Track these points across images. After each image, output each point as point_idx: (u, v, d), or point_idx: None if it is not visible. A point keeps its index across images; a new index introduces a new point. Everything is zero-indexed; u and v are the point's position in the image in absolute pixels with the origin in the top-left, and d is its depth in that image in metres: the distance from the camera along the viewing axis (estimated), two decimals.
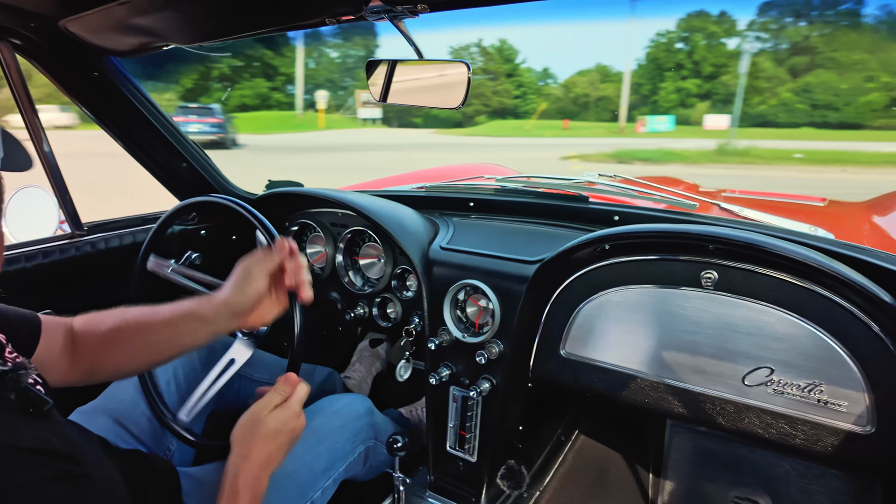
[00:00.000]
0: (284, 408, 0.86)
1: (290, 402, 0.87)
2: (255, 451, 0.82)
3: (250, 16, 1.01)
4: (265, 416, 0.85)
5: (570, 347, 1.09)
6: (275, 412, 0.85)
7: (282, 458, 0.86)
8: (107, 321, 0.91)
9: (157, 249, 1.18)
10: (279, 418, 0.85)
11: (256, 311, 0.94)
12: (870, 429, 0.85)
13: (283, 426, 0.85)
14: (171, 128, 1.43)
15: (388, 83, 1.08)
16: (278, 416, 0.85)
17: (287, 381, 0.89)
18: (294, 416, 0.87)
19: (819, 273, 0.86)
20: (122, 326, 0.91)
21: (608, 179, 1.55)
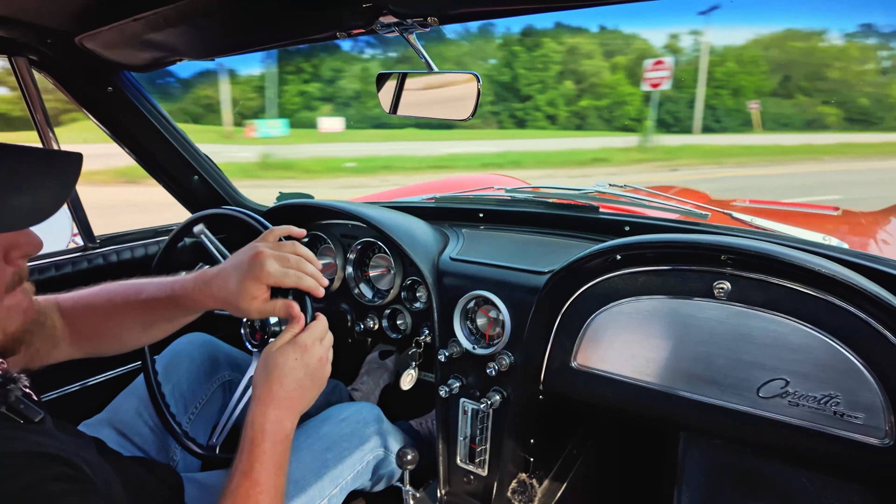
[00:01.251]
0: (293, 343, 0.84)
1: (298, 337, 0.84)
2: (270, 393, 0.80)
3: (263, 31, 1.03)
4: (272, 354, 0.82)
5: (581, 359, 1.08)
6: (283, 349, 0.83)
7: (308, 397, 0.84)
8: (93, 301, 0.92)
9: (169, 262, 1.19)
10: (287, 353, 0.82)
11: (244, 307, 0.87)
12: (888, 441, 0.83)
13: (294, 361, 0.82)
14: (185, 141, 1.45)
15: (398, 95, 1.09)
16: (286, 351, 0.82)
17: (292, 319, 0.86)
18: (302, 349, 0.83)
19: (833, 283, 0.85)
20: (108, 306, 0.91)
21: (618, 189, 1.55)
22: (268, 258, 0.85)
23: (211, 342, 1.29)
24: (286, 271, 0.86)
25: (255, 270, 0.84)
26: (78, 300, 0.92)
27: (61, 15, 0.98)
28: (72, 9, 0.94)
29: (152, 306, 0.91)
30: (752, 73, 25.08)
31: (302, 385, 0.82)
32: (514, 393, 1.15)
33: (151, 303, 0.91)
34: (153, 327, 0.95)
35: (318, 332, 0.88)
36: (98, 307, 0.92)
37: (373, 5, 0.86)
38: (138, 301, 0.91)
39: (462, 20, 0.92)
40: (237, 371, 1.29)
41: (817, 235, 1.20)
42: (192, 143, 1.47)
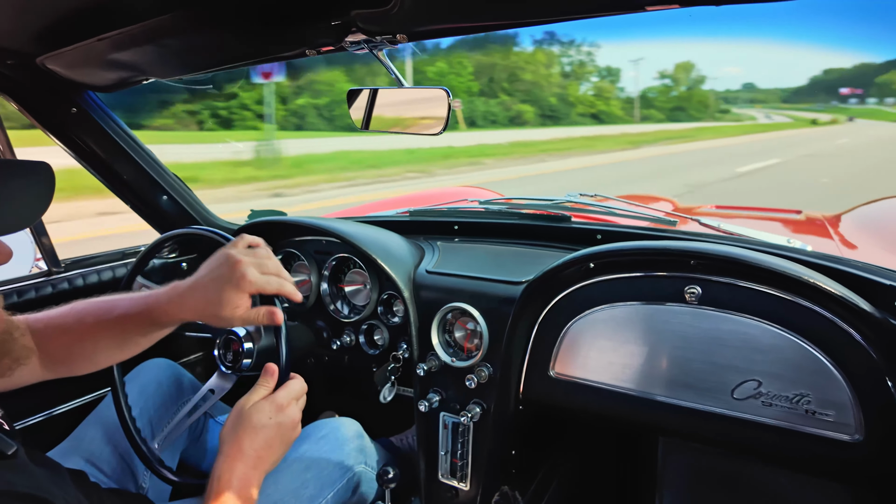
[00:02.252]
0: (269, 400, 0.82)
1: (274, 395, 0.83)
2: (240, 450, 0.78)
3: (232, 49, 1.02)
4: (247, 410, 0.81)
5: (559, 368, 1.09)
6: (258, 405, 0.81)
7: (275, 457, 0.82)
8: (64, 322, 0.89)
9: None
10: (262, 411, 0.81)
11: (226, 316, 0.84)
12: (858, 437, 0.85)
13: (268, 420, 0.80)
14: (152, 161, 1.42)
15: (369, 111, 1.09)
16: (261, 408, 0.81)
17: (267, 373, 0.85)
18: (278, 408, 0.82)
19: (799, 285, 0.88)
20: (79, 328, 0.88)
21: (589, 199, 1.57)
22: (247, 266, 0.82)
23: (174, 367, 1.27)
24: (268, 278, 0.84)
25: (236, 279, 0.82)
26: (48, 322, 0.89)
27: (21, 35, 0.95)
28: (33, 29, 0.92)
29: (125, 323, 0.89)
30: (461, 74, 25.96)
31: (271, 445, 0.81)
32: (495, 404, 1.15)
33: (124, 320, 0.88)
34: (127, 344, 0.92)
35: (296, 391, 0.87)
36: (70, 329, 0.89)
37: (341, 23, 0.87)
38: (111, 319, 0.89)
39: (431, 37, 0.93)
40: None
41: (781, 238, 1.23)
42: (160, 163, 1.45)
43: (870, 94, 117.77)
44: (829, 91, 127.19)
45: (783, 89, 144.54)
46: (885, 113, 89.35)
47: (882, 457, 0.85)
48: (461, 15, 0.85)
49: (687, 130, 34.67)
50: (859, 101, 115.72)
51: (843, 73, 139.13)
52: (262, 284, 0.83)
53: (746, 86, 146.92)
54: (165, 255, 1.51)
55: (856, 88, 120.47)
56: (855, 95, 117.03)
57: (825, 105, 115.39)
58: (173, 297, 0.87)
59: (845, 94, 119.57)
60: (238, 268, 0.82)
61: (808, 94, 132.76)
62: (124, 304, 0.89)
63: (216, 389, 1.10)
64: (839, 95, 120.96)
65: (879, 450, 0.85)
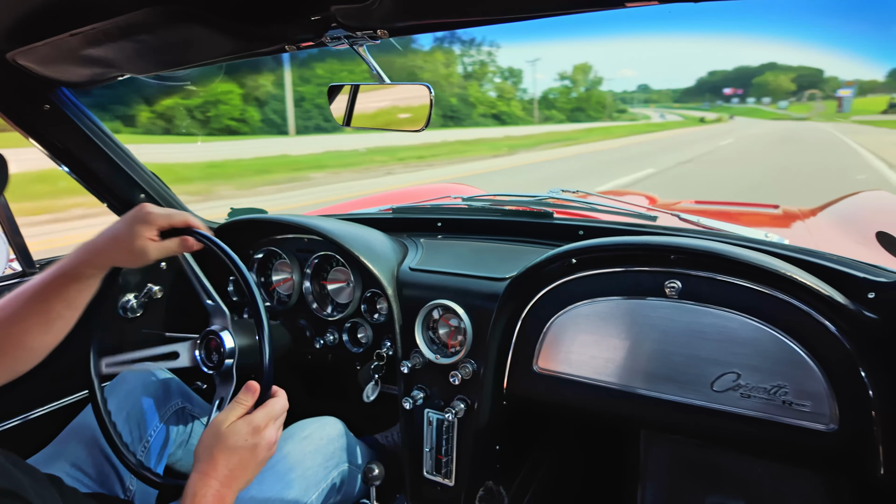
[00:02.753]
0: (245, 420, 0.82)
1: (252, 415, 0.83)
2: (215, 467, 0.77)
3: (208, 45, 1.00)
4: (223, 430, 0.80)
5: (542, 363, 1.10)
6: (234, 424, 0.81)
7: (249, 476, 0.81)
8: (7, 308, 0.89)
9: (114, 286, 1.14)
10: (239, 433, 0.80)
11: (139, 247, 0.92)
12: (833, 426, 0.87)
13: (244, 442, 0.80)
14: (128, 158, 1.39)
15: (350, 108, 1.09)
16: (238, 430, 0.80)
17: (248, 390, 0.85)
18: (254, 430, 0.81)
19: (776, 278, 0.90)
20: (5, 316, 0.88)
21: (571, 195, 1.58)
22: (149, 206, 0.93)
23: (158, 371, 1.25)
24: (170, 211, 0.95)
25: (142, 215, 0.92)
26: None
27: None
28: (2, 24, 0.90)
29: (46, 294, 0.88)
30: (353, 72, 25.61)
31: (246, 465, 0.80)
32: (479, 400, 1.15)
33: (44, 291, 0.88)
34: (54, 320, 0.91)
35: (276, 412, 0.86)
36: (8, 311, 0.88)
37: (321, 19, 0.86)
38: (30, 295, 0.88)
39: (412, 32, 0.93)
40: (188, 399, 1.25)
41: (759, 232, 1.25)
42: (137, 160, 1.42)
43: (749, 93, 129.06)
44: (715, 91, 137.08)
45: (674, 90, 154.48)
46: (763, 111, 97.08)
47: (854, 445, 0.87)
48: (442, 10, 0.85)
49: (574, 132, 34.61)
50: (740, 100, 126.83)
51: (726, 75, 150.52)
52: (167, 216, 0.94)
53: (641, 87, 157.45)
54: None
55: (737, 88, 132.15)
56: (736, 95, 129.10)
57: (711, 104, 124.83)
58: (87, 248, 0.92)
59: (728, 93, 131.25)
60: (143, 207, 0.93)
61: (697, 93, 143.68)
62: (40, 275, 0.90)
63: (226, 396, 1.08)
64: (723, 95, 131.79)
65: (852, 438, 0.87)
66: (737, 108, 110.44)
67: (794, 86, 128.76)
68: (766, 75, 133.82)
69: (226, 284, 1.49)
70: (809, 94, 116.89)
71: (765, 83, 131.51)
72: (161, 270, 1.50)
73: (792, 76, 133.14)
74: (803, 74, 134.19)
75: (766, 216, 2.01)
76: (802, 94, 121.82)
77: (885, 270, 0.93)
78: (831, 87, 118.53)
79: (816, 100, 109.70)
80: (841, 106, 74.08)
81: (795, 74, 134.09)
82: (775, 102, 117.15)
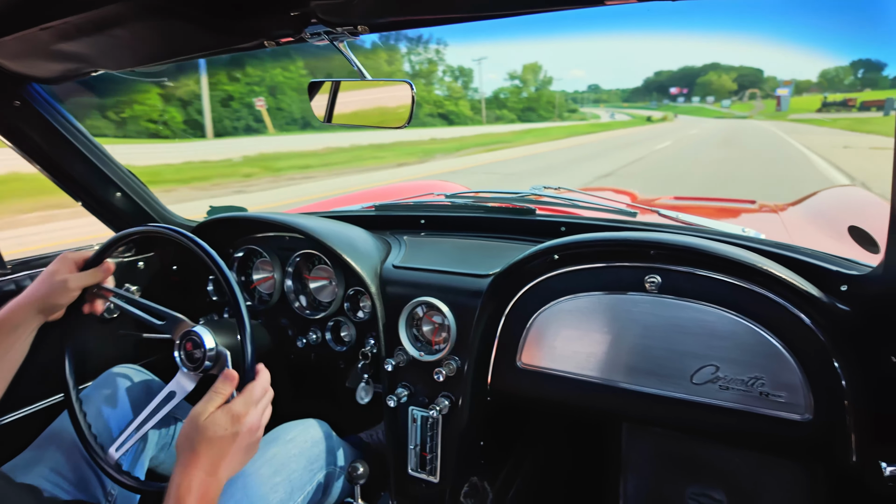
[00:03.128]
0: (224, 410, 0.80)
1: (231, 403, 0.82)
2: (196, 459, 0.76)
3: (185, 40, 0.99)
4: (202, 421, 0.79)
5: (526, 358, 1.11)
6: (213, 416, 0.80)
7: (235, 465, 0.80)
8: None
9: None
10: (217, 423, 0.79)
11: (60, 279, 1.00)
12: (808, 416, 0.89)
13: (224, 430, 0.79)
14: (103, 156, 1.36)
15: (331, 105, 1.08)
16: (216, 420, 0.79)
17: (226, 379, 0.84)
18: (234, 419, 0.80)
19: (753, 272, 0.91)
20: None
21: (553, 191, 1.59)
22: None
23: (142, 372, 1.23)
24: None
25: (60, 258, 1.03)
26: None
27: None
28: None
29: None
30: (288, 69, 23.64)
31: (229, 453, 0.79)
32: (463, 397, 1.16)
33: None
34: None
35: (255, 395, 0.85)
36: None
37: (300, 14, 0.85)
38: None
39: (392, 28, 0.92)
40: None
41: (737, 227, 1.28)
42: (113, 158, 1.39)
43: (694, 93, 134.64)
44: (661, 90, 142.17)
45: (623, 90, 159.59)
46: (707, 110, 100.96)
47: (828, 434, 0.89)
48: (422, 7, 0.84)
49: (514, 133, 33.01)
50: (686, 99, 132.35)
51: (671, 75, 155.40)
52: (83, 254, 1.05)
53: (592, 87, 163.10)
54: (120, 254, 1.45)
55: (682, 88, 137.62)
56: (682, 94, 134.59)
57: (658, 104, 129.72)
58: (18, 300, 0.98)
59: (674, 93, 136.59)
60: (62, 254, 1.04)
61: (644, 93, 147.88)
62: None
63: (178, 391, 1.06)
64: (670, 94, 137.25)
65: (826, 427, 0.89)
66: (683, 107, 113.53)
67: (736, 85, 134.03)
68: (710, 75, 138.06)
69: (205, 284, 1.47)
70: (750, 94, 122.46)
71: (708, 82, 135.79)
72: (138, 270, 1.47)
73: (733, 76, 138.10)
74: (744, 74, 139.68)
75: (743, 211, 2.05)
76: (744, 93, 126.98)
77: (856, 264, 0.96)
78: (770, 86, 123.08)
79: (757, 98, 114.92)
80: (779, 105, 77.65)
81: (737, 74, 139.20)
82: (719, 101, 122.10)
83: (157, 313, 1.09)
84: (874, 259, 0.89)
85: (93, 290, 1.09)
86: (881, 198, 1.94)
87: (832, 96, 78.37)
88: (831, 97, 76.84)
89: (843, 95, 78.52)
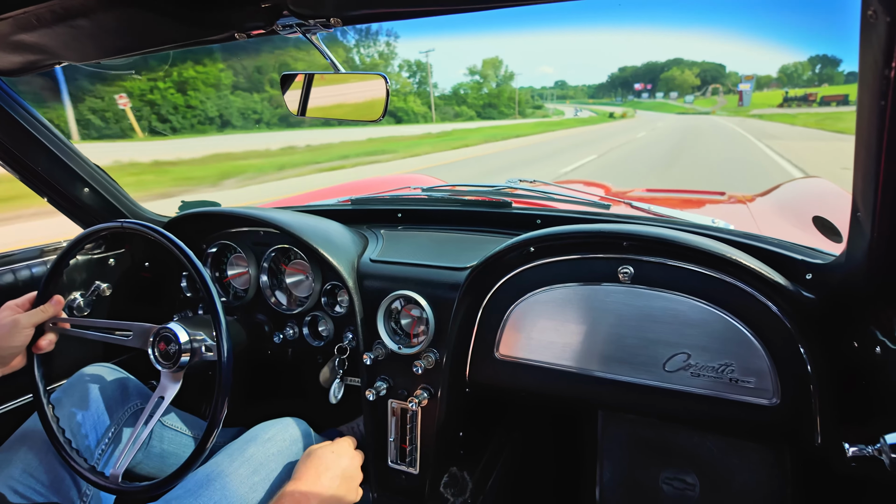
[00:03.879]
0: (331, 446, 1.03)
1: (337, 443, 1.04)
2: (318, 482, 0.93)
3: (153, 32, 0.96)
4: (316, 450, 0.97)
5: (503, 349, 1.12)
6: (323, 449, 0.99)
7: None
8: None
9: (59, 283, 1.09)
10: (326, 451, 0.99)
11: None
12: (775, 401, 0.93)
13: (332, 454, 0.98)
14: (69, 151, 1.32)
15: (305, 98, 1.06)
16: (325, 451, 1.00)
17: None
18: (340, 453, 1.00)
19: (722, 262, 0.94)
20: None
21: (528, 184, 1.61)
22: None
23: (116, 371, 1.20)
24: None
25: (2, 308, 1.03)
26: None
27: None
28: None
29: None
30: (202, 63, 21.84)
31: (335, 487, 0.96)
32: (442, 389, 1.16)
33: None
34: None
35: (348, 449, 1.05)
36: None
37: (272, 6, 0.83)
38: None
39: (366, 21, 0.91)
40: (147, 400, 1.21)
41: (706, 219, 1.31)
42: (79, 153, 1.35)
43: (658, 88, 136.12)
44: (626, 86, 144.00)
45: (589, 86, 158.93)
46: (671, 105, 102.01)
47: (795, 417, 0.93)
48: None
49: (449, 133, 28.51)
50: (650, 94, 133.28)
51: (635, 70, 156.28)
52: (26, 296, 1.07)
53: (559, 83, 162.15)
54: (90, 251, 1.42)
55: (646, 84, 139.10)
56: (646, 90, 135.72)
57: (623, 99, 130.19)
58: None
59: (638, 88, 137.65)
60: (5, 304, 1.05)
61: (609, 89, 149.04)
62: None
63: (166, 395, 1.05)
64: (634, 90, 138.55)
65: (793, 411, 0.92)
66: (646, 103, 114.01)
67: (699, 80, 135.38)
68: (673, 70, 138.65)
69: (178, 280, 1.45)
70: (713, 89, 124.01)
71: (671, 78, 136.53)
72: (109, 267, 1.44)
73: (696, 71, 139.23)
74: (706, 69, 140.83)
75: (713, 202, 2.09)
76: (706, 88, 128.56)
77: (821, 253, 0.99)
78: (732, 81, 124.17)
79: (719, 94, 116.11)
80: (741, 100, 78.10)
81: (699, 70, 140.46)
82: (682, 97, 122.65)
83: (123, 328, 1.08)
84: (837, 248, 0.92)
85: (48, 325, 1.07)
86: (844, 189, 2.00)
87: (793, 91, 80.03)
88: (792, 92, 78.42)
89: (804, 90, 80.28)
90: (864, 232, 0.70)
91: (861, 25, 0.56)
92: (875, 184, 0.62)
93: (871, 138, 0.59)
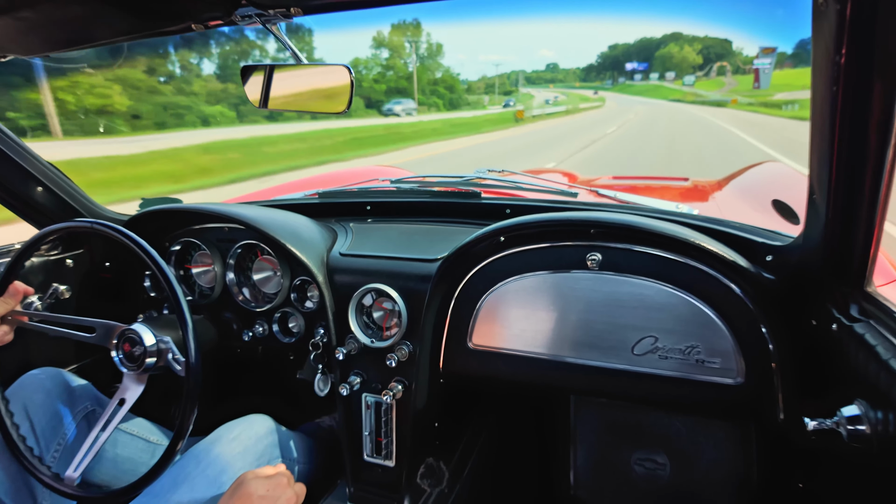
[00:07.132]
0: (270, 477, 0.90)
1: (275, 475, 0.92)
2: None
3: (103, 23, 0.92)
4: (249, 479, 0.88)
5: (476, 339, 1.12)
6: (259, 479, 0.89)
7: None
8: None
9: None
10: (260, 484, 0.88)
11: None
12: (740, 380, 0.96)
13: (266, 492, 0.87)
14: (20, 149, 1.27)
15: (266, 89, 1.04)
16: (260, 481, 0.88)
17: None
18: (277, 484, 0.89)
19: (686, 246, 0.96)
20: None
21: (497, 174, 1.61)
22: None
23: (61, 374, 1.16)
24: None
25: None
26: None
27: None
28: None
29: None
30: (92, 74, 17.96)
31: None
32: (416, 381, 1.16)
33: None
34: None
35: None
36: None
37: None
38: None
39: (327, 10, 0.89)
40: (98, 402, 1.17)
41: (671, 205, 1.33)
42: (31, 151, 1.29)
43: (653, 68, 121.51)
44: (618, 67, 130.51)
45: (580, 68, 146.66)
46: (666, 89, 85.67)
47: (759, 395, 0.96)
48: None
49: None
50: (643, 76, 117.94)
51: (627, 48, 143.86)
52: None
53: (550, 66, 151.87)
54: (46, 252, 1.36)
55: (640, 63, 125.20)
56: (638, 71, 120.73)
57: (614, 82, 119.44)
58: None
59: (630, 68, 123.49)
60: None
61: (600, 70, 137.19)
62: None
63: (128, 397, 1.02)
64: (626, 71, 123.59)
65: (756, 389, 0.95)
66: (639, 86, 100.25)
67: (700, 59, 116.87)
68: (670, 46, 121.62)
69: (141, 280, 1.41)
70: (718, 68, 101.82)
71: (668, 55, 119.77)
72: (67, 268, 1.39)
73: (698, 47, 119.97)
74: (709, 45, 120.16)
75: (677, 189, 2.14)
76: (710, 66, 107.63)
77: (780, 235, 1.02)
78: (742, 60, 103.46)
79: (726, 74, 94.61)
80: (758, 80, 53.72)
81: (701, 46, 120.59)
82: (680, 78, 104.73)
83: (86, 326, 1.04)
84: (795, 230, 0.96)
85: (6, 318, 1.03)
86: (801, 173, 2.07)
87: None
88: None
89: None
90: (820, 213, 0.73)
91: (813, 13, 0.58)
92: (829, 167, 0.64)
93: (825, 123, 0.61)
